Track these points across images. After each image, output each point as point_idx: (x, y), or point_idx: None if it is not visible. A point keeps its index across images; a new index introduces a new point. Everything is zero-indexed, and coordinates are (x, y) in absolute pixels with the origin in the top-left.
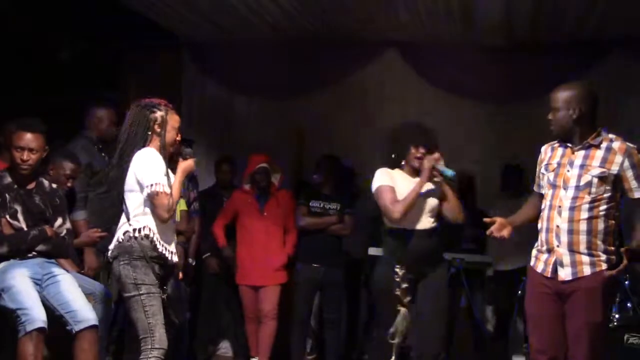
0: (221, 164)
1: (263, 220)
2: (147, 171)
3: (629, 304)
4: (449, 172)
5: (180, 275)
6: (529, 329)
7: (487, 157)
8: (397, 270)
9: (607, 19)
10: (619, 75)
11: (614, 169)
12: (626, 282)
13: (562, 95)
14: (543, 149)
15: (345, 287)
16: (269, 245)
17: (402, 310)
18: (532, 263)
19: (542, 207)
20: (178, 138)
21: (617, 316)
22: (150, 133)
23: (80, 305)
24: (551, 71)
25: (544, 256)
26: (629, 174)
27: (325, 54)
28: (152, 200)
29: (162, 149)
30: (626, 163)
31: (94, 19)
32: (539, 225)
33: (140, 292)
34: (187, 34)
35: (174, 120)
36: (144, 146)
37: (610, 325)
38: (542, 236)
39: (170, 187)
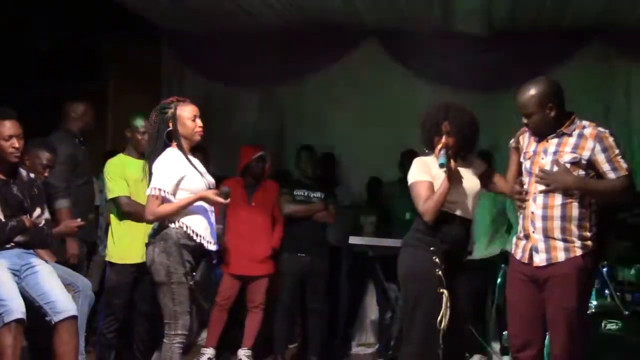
0: (196, 153)
1: (251, 211)
2: (155, 175)
3: (606, 291)
4: (439, 161)
5: (215, 259)
6: (507, 314)
7: None
8: (434, 253)
9: (587, 7)
10: (599, 62)
11: (586, 154)
12: (604, 269)
13: (532, 99)
14: (520, 135)
15: None
16: (256, 236)
17: (445, 292)
18: (512, 250)
19: (521, 179)
20: (199, 126)
21: (594, 303)
22: (169, 132)
23: (59, 295)
24: (532, 59)
25: (522, 242)
26: (601, 157)
27: (306, 43)
28: (147, 200)
29: (183, 143)
30: (597, 147)
31: (73, 10)
32: (518, 213)
33: (172, 281)
34: (167, 24)
35: (186, 112)
36: (166, 146)
37: (588, 312)
38: (521, 223)
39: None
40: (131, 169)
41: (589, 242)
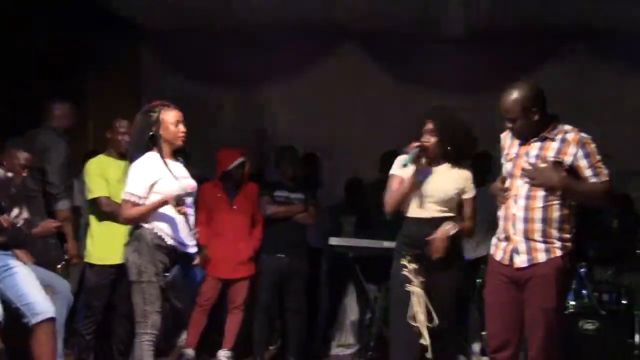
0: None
1: (233, 214)
2: (130, 180)
3: (584, 291)
4: (403, 160)
5: (197, 260)
6: (486, 315)
7: None
8: (404, 253)
9: (565, 10)
10: (577, 63)
11: (568, 159)
12: (582, 270)
13: (516, 104)
14: (502, 136)
15: None
16: (237, 239)
17: (414, 289)
18: (491, 251)
19: (502, 176)
20: (182, 130)
21: (572, 303)
22: (151, 136)
23: (37, 297)
24: (511, 62)
25: (502, 244)
26: (583, 163)
27: (287, 44)
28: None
29: (164, 147)
30: (580, 153)
31: (51, 8)
32: (499, 214)
33: (142, 280)
34: (146, 23)
35: (169, 116)
36: (147, 150)
37: (565, 312)
38: (501, 224)
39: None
40: (111, 169)
41: (569, 243)
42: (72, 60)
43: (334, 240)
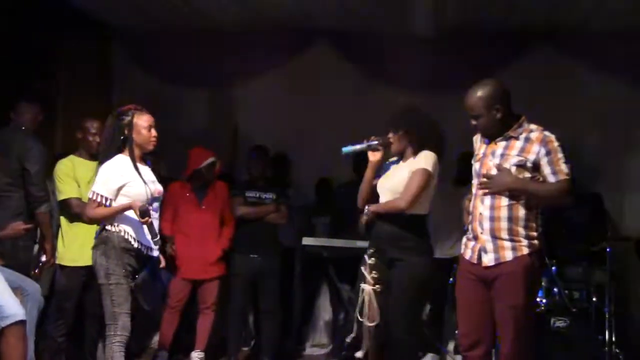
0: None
1: (201, 214)
2: (97, 180)
3: (555, 289)
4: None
5: (163, 263)
6: (457, 314)
7: None
8: (368, 249)
9: (534, 10)
10: (546, 63)
11: (531, 157)
12: (553, 268)
13: (479, 101)
14: (474, 139)
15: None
16: (206, 239)
17: (365, 287)
18: (462, 250)
19: (471, 195)
20: (154, 135)
21: (544, 301)
22: (123, 139)
23: (6, 299)
24: (482, 61)
25: (471, 243)
26: (544, 161)
27: (257, 43)
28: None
29: (135, 151)
30: (542, 151)
31: (22, 7)
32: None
33: (110, 282)
34: (118, 24)
35: (142, 120)
36: (117, 152)
37: (537, 310)
38: (470, 224)
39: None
40: (82, 170)
41: (536, 241)
42: (42, 60)
43: (307, 240)
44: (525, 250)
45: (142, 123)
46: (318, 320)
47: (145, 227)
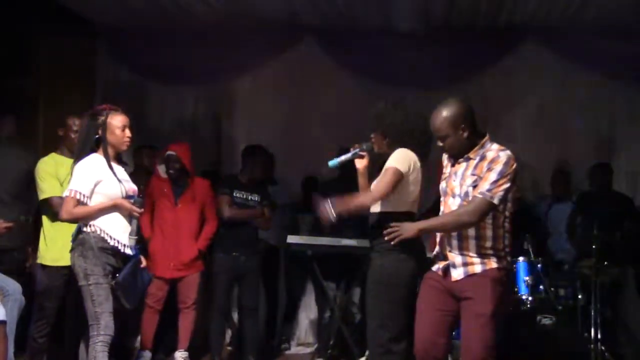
0: (141, 150)
1: (176, 212)
2: (73, 178)
3: (541, 287)
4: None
5: (144, 263)
6: (415, 321)
7: None
8: None
9: (521, 6)
10: (533, 61)
11: (481, 175)
12: (539, 266)
13: (445, 121)
14: (443, 157)
15: (263, 275)
16: (180, 238)
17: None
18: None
19: (440, 213)
20: (127, 135)
21: (530, 298)
22: (97, 138)
23: None
24: (468, 57)
25: (440, 259)
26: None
27: (243, 40)
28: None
29: (109, 150)
30: (485, 169)
31: (6, 3)
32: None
33: (89, 282)
34: (101, 20)
35: (116, 121)
36: (92, 152)
37: (523, 308)
38: (439, 240)
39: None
40: (63, 168)
41: (504, 261)
42: (24, 57)
43: (292, 239)
44: (494, 264)
45: (116, 123)
46: (303, 319)
47: (121, 223)
